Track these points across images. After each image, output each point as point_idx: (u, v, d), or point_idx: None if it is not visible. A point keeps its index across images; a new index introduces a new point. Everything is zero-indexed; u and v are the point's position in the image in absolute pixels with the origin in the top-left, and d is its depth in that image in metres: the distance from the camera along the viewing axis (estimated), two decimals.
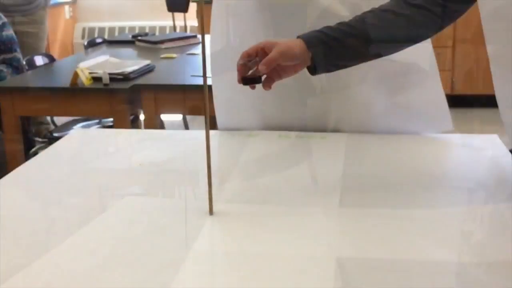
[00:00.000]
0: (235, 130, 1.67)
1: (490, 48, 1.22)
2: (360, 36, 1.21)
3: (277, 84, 1.53)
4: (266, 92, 1.50)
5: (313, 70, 1.24)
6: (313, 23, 1.53)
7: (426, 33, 1.26)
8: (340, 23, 1.23)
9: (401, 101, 1.60)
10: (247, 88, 1.65)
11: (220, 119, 1.70)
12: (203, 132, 1.14)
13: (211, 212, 1.15)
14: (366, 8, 1.27)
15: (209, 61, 1.64)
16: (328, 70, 1.24)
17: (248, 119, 1.68)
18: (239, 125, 1.68)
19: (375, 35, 1.21)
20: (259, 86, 1.54)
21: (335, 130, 1.64)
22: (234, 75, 1.67)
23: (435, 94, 1.61)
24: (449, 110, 1.61)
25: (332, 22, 1.27)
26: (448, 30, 4.76)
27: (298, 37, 1.23)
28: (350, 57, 1.24)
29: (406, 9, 1.21)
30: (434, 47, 1.58)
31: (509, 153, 1.43)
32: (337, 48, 1.21)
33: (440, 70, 1.61)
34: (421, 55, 1.55)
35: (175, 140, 1.66)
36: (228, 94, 1.67)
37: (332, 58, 1.22)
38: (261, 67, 1.19)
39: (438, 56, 1.56)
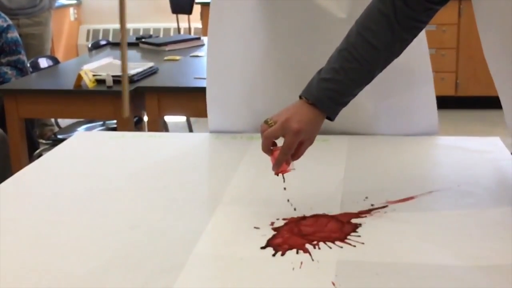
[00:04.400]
0: (227, 132, 1.65)
1: (487, 57, 1.21)
2: (359, 61, 1.17)
3: (273, 86, 1.53)
4: (263, 94, 1.49)
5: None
6: (311, 24, 1.53)
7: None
8: (338, 56, 1.18)
9: (389, 103, 1.59)
10: (242, 89, 1.64)
11: (212, 122, 1.67)
12: (206, 135, 1.14)
13: (211, 215, 1.15)
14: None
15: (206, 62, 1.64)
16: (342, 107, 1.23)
17: (241, 121, 1.66)
18: (231, 127, 1.65)
19: (369, 47, 1.17)
20: (250, 84, 1.54)
21: (331, 133, 1.63)
22: (229, 76, 1.66)
23: (425, 96, 1.60)
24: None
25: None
26: (452, 32, 4.75)
27: (306, 99, 1.17)
28: (360, 86, 1.22)
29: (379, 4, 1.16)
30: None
31: (511, 156, 1.42)
32: (345, 89, 1.18)
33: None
34: (415, 58, 1.54)
35: (178, 142, 1.66)
36: (223, 95, 1.65)
37: (345, 99, 1.20)
38: (294, 159, 1.15)
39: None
